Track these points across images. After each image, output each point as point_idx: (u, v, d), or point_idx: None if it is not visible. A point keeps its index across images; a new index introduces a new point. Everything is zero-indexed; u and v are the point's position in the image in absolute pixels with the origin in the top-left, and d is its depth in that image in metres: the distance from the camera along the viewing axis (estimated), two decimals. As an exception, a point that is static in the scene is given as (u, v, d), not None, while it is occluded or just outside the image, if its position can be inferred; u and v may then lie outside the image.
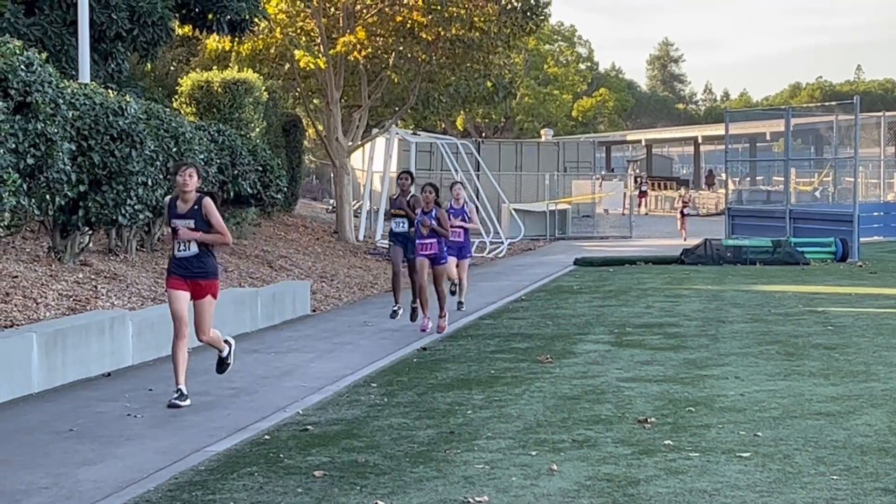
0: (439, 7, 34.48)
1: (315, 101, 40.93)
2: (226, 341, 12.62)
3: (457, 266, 20.05)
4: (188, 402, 11.64)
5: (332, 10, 36.81)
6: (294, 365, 14.65)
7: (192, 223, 11.76)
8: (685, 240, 40.15)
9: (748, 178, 69.63)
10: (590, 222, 49.57)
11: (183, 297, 11.87)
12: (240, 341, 16.85)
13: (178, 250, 11.84)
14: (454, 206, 20.14)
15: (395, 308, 18.48)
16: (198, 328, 12.07)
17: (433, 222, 17.03)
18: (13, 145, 13.87)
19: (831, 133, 40.88)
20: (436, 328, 17.42)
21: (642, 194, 67.71)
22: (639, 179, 71.74)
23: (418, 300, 17.79)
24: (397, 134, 41.06)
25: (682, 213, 45.36)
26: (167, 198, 12.29)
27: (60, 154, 15.19)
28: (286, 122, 37.34)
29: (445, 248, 17.54)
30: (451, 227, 19.17)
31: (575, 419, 10.43)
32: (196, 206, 11.80)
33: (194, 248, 11.82)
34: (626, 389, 11.94)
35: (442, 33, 34.75)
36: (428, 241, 17.14)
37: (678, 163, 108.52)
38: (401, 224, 18.26)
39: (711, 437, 9.53)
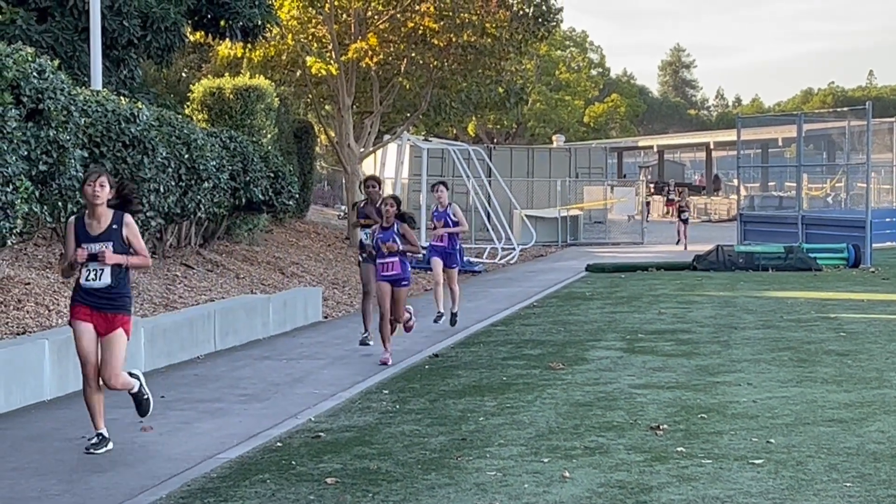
0: (451, 13, 34.56)
1: (327, 107, 41.01)
2: (132, 374, 10.43)
3: (446, 276, 18.67)
4: (110, 446, 10.02)
5: (344, 16, 36.89)
6: (306, 372, 14.66)
7: (110, 246, 9.67)
8: (685, 248, 39.54)
9: (759, 184, 69.60)
10: (602, 228, 49.56)
11: (90, 333, 9.89)
12: (251, 348, 16.92)
13: (86, 279, 9.76)
14: (438, 209, 18.79)
15: (365, 336, 16.49)
16: (105, 372, 9.93)
17: (397, 243, 15.00)
18: (25, 152, 13.90)
19: (843, 139, 40.89)
20: (379, 360, 15.13)
21: (670, 202, 66.77)
22: (666, 187, 71.18)
23: (379, 331, 15.45)
24: (409, 140, 41.08)
25: (680, 218, 43.72)
26: (71, 217, 10.06)
27: (72, 161, 15.22)
28: (298, 129, 37.39)
29: (409, 265, 15.54)
30: (435, 231, 18.67)
31: (587, 426, 10.42)
32: (115, 226, 9.72)
33: (107, 279, 9.72)
34: (639, 396, 11.93)
35: (454, 39, 34.80)
36: (389, 260, 15.05)
37: (690, 168, 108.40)
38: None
39: (724, 444, 9.51)
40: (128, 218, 9.82)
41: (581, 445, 9.58)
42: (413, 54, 35.79)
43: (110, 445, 10.00)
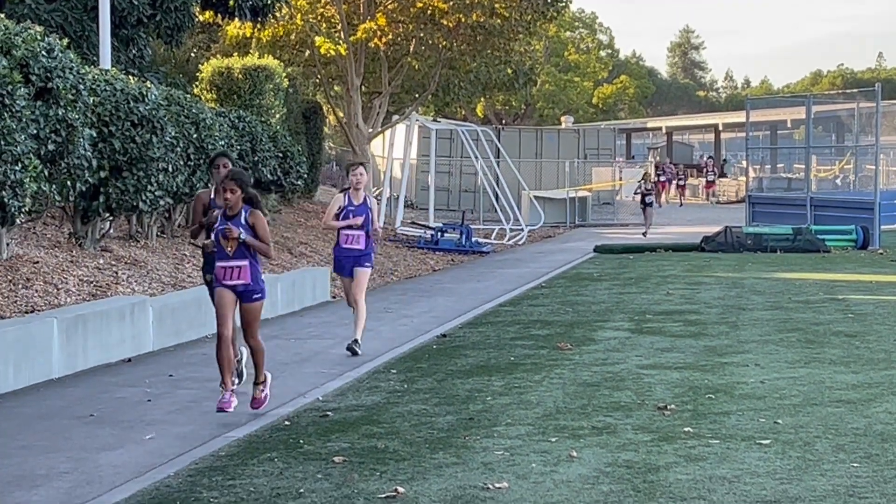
0: (460, -7, 34.49)
1: (335, 87, 41.01)
2: None
3: (354, 281, 14.44)
4: None
5: (353, -4, 36.85)
6: (314, 351, 14.68)
7: None
8: (644, 235, 36.21)
9: (768, 166, 69.33)
10: (610, 210, 49.46)
11: None
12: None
13: None
14: (353, 203, 14.34)
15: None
16: None
17: (241, 231, 10.45)
18: (34, 131, 13.91)
19: (852, 120, 40.71)
20: (249, 402, 10.73)
21: (709, 184, 65.22)
22: (705, 168, 70.08)
23: (217, 360, 10.67)
24: (417, 121, 41.06)
25: (643, 201, 38.33)
26: None
27: (81, 140, 15.23)
28: (306, 109, 37.36)
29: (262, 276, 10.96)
30: (345, 231, 14.39)
31: (595, 406, 10.43)
32: None
33: None
34: (646, 376, 11.93)
35: (463, 20, 34.76)
36: (235, 263, 10.58)
37: (699, 150, 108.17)
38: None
39: (731, 425, 9.52)
40: None
41: (588, 425, 9.59)
42: (422, 35, 35.75)
43: None
